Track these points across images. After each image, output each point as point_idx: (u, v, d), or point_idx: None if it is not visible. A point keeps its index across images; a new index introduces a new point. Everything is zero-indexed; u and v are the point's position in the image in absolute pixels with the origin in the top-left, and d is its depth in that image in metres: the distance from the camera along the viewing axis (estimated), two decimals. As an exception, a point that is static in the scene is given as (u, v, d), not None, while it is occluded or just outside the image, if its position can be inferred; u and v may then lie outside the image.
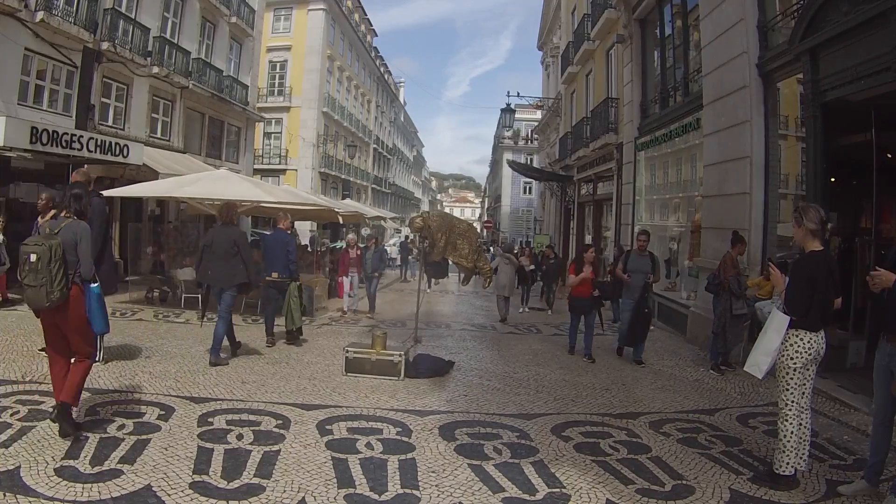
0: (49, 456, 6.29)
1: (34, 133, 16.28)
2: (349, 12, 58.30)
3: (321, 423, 7.94)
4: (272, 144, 50.33)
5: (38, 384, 8.83)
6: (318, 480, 6.20)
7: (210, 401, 8.66)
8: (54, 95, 21.71)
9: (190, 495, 5.71)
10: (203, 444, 6.95)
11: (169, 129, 28.54)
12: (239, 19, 33.62)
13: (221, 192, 16.88)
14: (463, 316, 20.63)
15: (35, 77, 20.80)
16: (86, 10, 21.72)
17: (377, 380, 10.41)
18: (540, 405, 9.37)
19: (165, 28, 27.62)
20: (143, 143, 22.86)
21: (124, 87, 25.20)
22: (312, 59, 49.94)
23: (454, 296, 27.06)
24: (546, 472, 6.63)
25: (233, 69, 34.59)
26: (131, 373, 9.96)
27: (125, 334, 13.21)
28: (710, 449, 7.51)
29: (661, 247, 19.23)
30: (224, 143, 34.62)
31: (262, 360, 11.57)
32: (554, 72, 42.97)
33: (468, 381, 10.81)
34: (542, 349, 14.52)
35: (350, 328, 16.46)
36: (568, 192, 36.66)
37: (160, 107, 27.85)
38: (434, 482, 6.27)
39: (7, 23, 18.87)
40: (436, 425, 8.06)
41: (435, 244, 12.99)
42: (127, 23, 24.31)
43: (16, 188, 19.84)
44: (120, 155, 19.36)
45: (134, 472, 6.07)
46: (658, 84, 20.56)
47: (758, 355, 6.57)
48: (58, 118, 21.01)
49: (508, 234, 72.60)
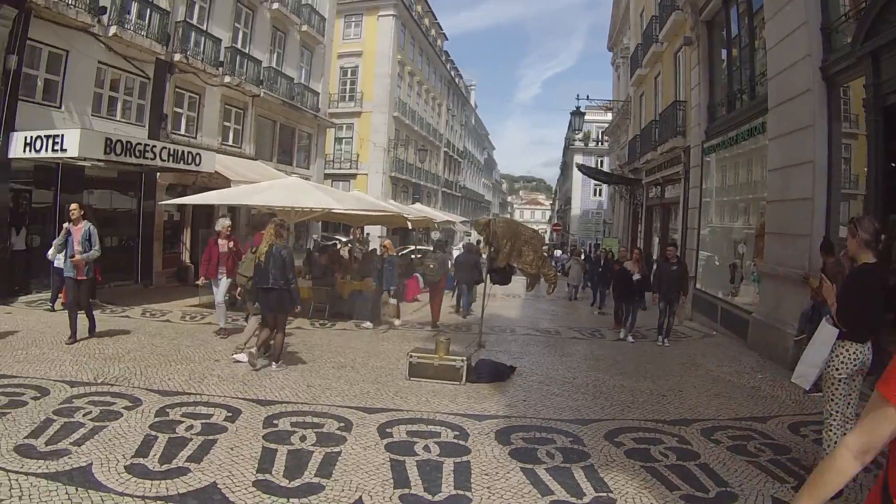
0: (119, 454, 6.66)
1: (108, 144, 16.72)
2: (419, 17, 58.58)
3: (382, 426, 8.13)
4: (343, 149, 50.91)
5: (109, 386, 9.30)
6: (376, 481, 6.41)
7: (276, 403, 8.95)
8: (127, 106, 22.37)
9: (253, 493, 6.01)
10: (267, 444, 7.25)
11: (241, 136, 29.14)
12: (309, 27, 34.06)
13: (292, 199, 17.22)
14: (528, 320, 20.54)
15: (108, 89, 21.49)
16: (157, 23, 22.38)
17: (439, 384, 10.55)
18: (596, 411, 9.42)
19: (237, 38, 28.23)
20: (215, 151, 23.40)
21: (196, 97, 25.83)
22: (383, 65, 50.31)
23: (519, 300, 26.99)
24: (595, 476, 6.72)
25: (304, 76, 35.02)
26: (200, 375, 10.34)
27: (194, 338, 13.70)
28: (758, 457, 7.48)
29: (728, 250, 19.05)
30: (295, 150, 35.10)
31: (328, 364, 11.81)
32: (624, 73, 42.65)
33: (528, 386, 10.86)
34: (604, 354, 14.53)
35: (416, 332, 16.65)
36: (636, 195, 36.37)
37: (232, 115, 28.46)
38: (486, 484, 6.41)
39: (81, 38, 19.57)
40: (492, 429, 8.17)
41: (500, 250, 13.14)
42: (198, 34, 24.99)
43: (89, 195, 20.50)
44: (192, 163, 19.79)
45: (200, 471, 6.41)
46: (725, 87, 20.33)
47: (805, 367, 6.58)
48: (131, 128, 21.74)
49: (578, 236, 72.23)
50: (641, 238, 34.20)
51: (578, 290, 29.13)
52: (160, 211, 23.84)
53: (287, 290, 11.10)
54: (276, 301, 11.18)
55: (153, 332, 14.17)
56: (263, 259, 11.09)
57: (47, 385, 9.07)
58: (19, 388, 8.79)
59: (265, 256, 11.08)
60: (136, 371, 10.35)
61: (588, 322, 20.65)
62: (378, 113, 50.22)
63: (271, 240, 11.21)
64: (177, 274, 24.82)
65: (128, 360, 11.06)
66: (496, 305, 21.40)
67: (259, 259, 11.19)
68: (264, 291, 11.20)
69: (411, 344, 13.90)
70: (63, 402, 8.34)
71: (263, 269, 11.08)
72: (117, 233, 22.60)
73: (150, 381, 9.81)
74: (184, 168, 19.90)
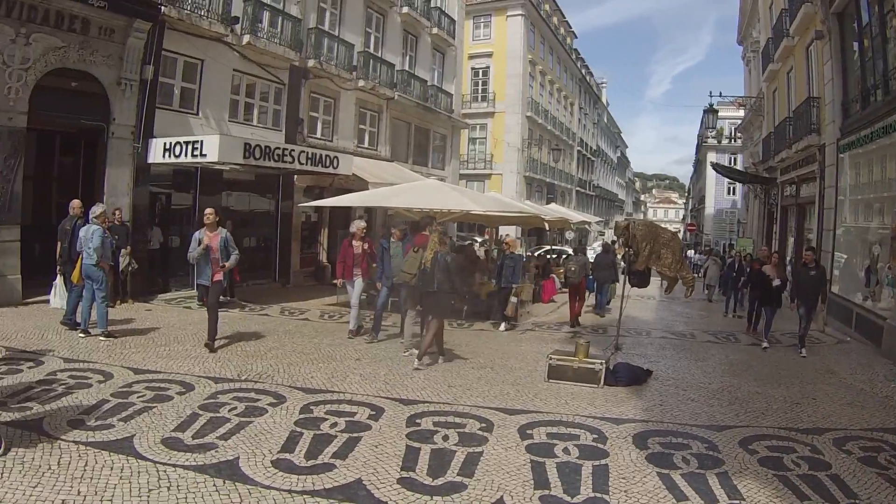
0: (266, 449, 7.00)
1: (247, 148, 17.31)
2: (547, 16, 58.36)
3: (522, 427, 8.25)
4: (477, 150, 51.22)
5: (253, 382, 9.71)
6: (517, 481, 6.53)
7: (418, 403, 9.17)
8: (263, 111, 23.16)
9: (398, 490, 6.21)
10: (411, 443, 7.47)
11: (376, 139, 29.67)
12: (440, 30, 34.33)
13: (430, 201, 17.52)
14: (662, 323, 20.36)
15: (244, 95, 22.33)
16: (290, 30, 23.07)
17: (577, 387, 10.58)
18: (731, 417, 9.33)
19: (369, 43, 28.70)
20: (351, 154, 23.93)
21: (331, 101, 26.46)
22: (514, 65, 50.30)
23: (654, 301, 26.73)
24: (729, 483, 6.70)
25: (436, 78, 35.33)
26: (342, 374, 10.66)
27: (334, 336, 14.14)
28: (888, 469, 7.30)
29: (863, 252, 18.43)
30: (430, 151, 35.48)
31: (468, 365, 11.97)
32: (755, 68, 41.35)
33: (664, 391, 10.83)
34: (739, 359, 14.25)
35: (552, 334, 16.67)
36: (771, 194, 35.39)
37: (367, 118, 28.98)
38: (623, 488, 6.48)
39: (215, 47, 20.40)
40: (630, 433, 8.20)
41: (639, 253, 13.24)
42: (331, 40, 25.66)
43: (227, 197, 21.39)
44: (330, 166, 20.24)
45: (345, 467, 6.66)
46: (859, 82, 19.66)
47: None
48: (268, 133, 22.53)
49: (712, 236, 70.75)
50: (776, 239, 33.30)
51: (715, 291, 28.35)
52: (297, 212, 24.51)
53: (449, 294, 11.92)
54: (438, 304, 11.86)
55: (292, 331, 14.65)
56: (429, 265, 11.76)
57: (192, 381, 9.51)
58: (164, 384, 9.26)
59: (431, 263, 11.76)
60: (278, 368, 10.74)
61: (722, 325, 20.30)
62: (511, 113, 50.22)
63: (436, 247, 11.87)
64: (314, 273, 25.47)
65: (270, 358, 11.48)
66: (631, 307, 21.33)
67: (425, 265, 11.84)
68: (428, 295, 11.87)
69: (547, 345, 14.04)
70: (208, 397, 8.75)
71: (429, 274, 11.76)
72: (255, 233, 23.37)
73: (292, 378, 10.19)
74: (322, 171, 20.37)
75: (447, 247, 12.21)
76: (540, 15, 54.89)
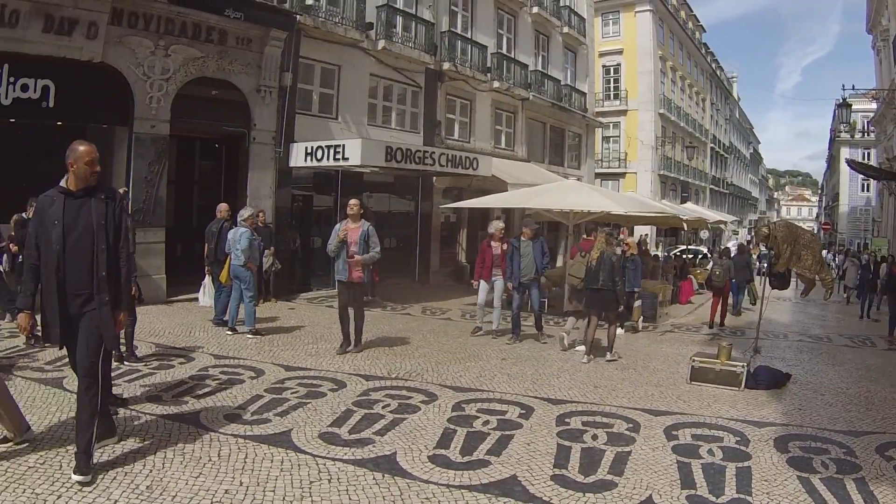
0: (422, 444, 7.02)
1: (389, 151, 17.57)
2: (675, 10, 57.22)
3: (668, 428, 8.15)
4: (611, 148, 50.86)
5: (403, 380, 9.75)
6: (664, 481, 6.48)
7: (566, 402, 9.11)
8: (401, 114, 23.48)
9: (551, 486, 6.19)
10: (561, 441, 7.42)
11: (512, 139, 29.71)
12: (570, 29, 34.12)
13: (571, 202, 17.44)
14: (799, 325, 20.05)
15: (382, 99, 22.67)
16: (424, 34, 23.30)
17: (718, 389, 10.41)
18: (868, 423, 9.03)
19: (501, 44, 28.73)
20: (489, 155, 23.96)
21: (467, 103, 26.60)
22: (644, 61, 49.70)
23: (789, 303, 26.25)
24: (866, 489, 6.49)
25: (569, 77, 35.11)
26: (490, 373, 10.65)
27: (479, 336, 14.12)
28: None
29: None
30: (565, 150, 35.32)
31: (612, 367, 11.87)
32: (886, 57, 39.39)
33: (802, 395, 10.56)
34: (875, 364, 13.91)
35: (692, 336, 16.54)
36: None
37: (503, 119, 29.07)
38: (765, 490, 6.39)
39: (351, 53, 20.81)
40: (771, 437, 8.04)
41: (780, 255, 13.16)
42: (465, 43, 25.75)
43: (368, 198, 21.56)
44: (470, 168, 20.33)
45: (500, 463, 6.64)
46: None
47: None
48: (406, 135, 22.82)
49: (846, 235, 68.31)
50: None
51: (854, 293, 26.84)
52: (437, 213, 24.79)
53: (614, 290, 12.12)
54: (603, 300, 12.22)
55: (436, 330, 14.77)
56: (595, 263, 12.19)
57: (343, 378, 9.61)
58: (316, 380, 9.40)
59: (596, 261, 12.20)
60: (427, 367, 10.78)
61: (858, 329, 19.95)
62: (644, 110, 49.66)
63: (602, 247, 12.27)
64: (453, 273, 25.66)
65: (417, 357, 11.55)
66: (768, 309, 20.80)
67: (591, 263, 12.30)
68: (594, 292, 12.25)
69: (687, 347, 14.03)
70: (360, 394, 8.82)
71: (594, 271, 12.18)
72: (395, 233, 23.72)
73: (442, 377, 10.21)
74: (462, 172, 20.49)
75: (612, 247, 12.45)
76: (667, 9, 54.06)
